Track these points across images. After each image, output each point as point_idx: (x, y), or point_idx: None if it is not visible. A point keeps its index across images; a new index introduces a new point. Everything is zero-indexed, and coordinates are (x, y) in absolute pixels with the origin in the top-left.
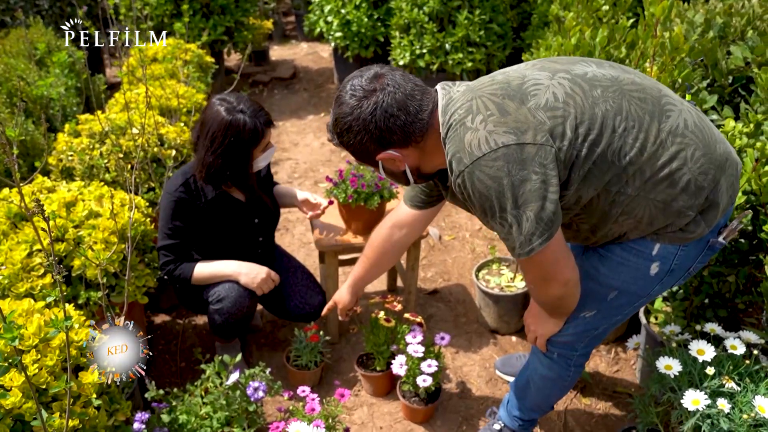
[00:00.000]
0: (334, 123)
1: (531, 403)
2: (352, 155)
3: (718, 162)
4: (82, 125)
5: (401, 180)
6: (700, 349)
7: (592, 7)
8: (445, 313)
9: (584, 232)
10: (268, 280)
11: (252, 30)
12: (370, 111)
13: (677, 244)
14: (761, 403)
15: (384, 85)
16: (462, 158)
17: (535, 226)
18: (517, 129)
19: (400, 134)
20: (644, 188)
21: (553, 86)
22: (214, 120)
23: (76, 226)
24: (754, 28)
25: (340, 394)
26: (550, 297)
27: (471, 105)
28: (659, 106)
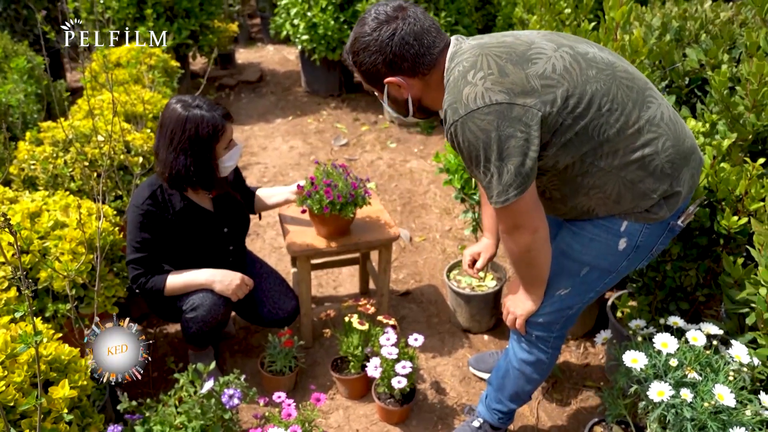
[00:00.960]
0: (353, 41)
1: (510, 391)
2: (361, 76)
3: (684, 154)
4: (44, 133)
5: (402, 109)
6: (664, 342)
7: (555, 10)
8: (417, 314)
9: (556, 201)
10: (242, 285)
11: (217, 33)
12: (388, 35)
13: (642, 222)
14: (720, 391)
15: (406, 16)
16: (458, 108)
17: (513, 179)
18: (511, 90)
19: (411, 62)
20: (616, 166)
21: (555, 58)
22: (171, 118)
23: (41, 237)
24: (707, 31)
25: (315, 399)
26: (521, 246)
27: (476, 60)
28: (642, 96)
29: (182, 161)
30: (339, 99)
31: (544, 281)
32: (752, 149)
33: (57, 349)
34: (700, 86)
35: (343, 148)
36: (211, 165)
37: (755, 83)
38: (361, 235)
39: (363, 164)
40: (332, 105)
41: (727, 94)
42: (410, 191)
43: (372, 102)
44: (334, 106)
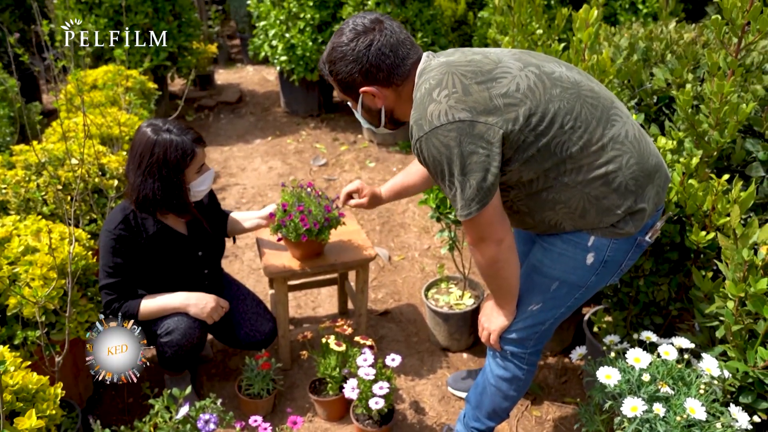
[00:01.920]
0: (330, 51)
1: (488, 409)
2: (337, 85)
3: (648, 172)
4: (16, 156)
5: (374, 119)
6: (637, 357)
7: (528, 31)
8: (396, 334)
9: (524, 215)
10: (217, 308)
11: (196, 54)
12: (365, 46)
13: (609, 237)
14: (691, 405)
15: (383, 29)
16: (422, 125)
17: (475, 193)
18: (474, 108)
19: (386, 73)
20: (580, 182)
21: (519, 77)
22: (140, 142)
23: (11, 263)
24: (672, 51)
25: (292, 422)
26: (486, 257)
27: (442, 78)
28: (607, 115)
29: (150, 185)
30: (318, 119)
31: (514, 294)
32: (718, 165)
33: (24, 378)
34: (668, 104)
35: (322, 168)
36: (181, 189)
37: (717, 102)
38: (338, 255)
39: (342, 184)
40: (311, 125)
41: (692, 112)
42: (389, 210)
43: (351, 122)
44: (313, 126)
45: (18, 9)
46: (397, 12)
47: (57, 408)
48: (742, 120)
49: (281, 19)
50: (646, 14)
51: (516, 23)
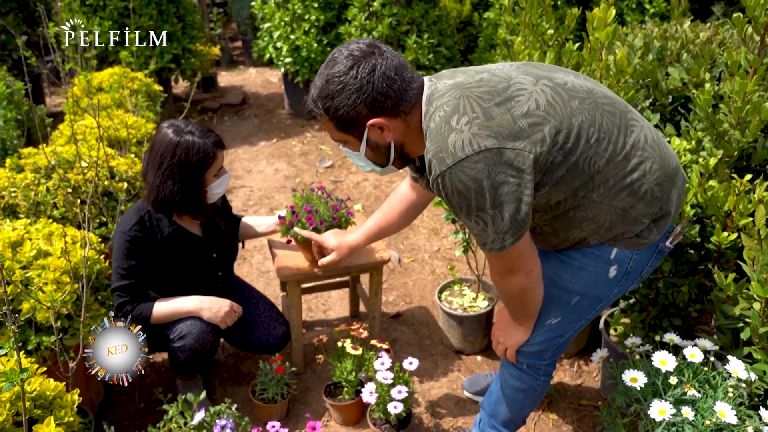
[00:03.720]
0: (324, 84)
1: (504, 417)
2: (335, 124)
3: (670, 175)
4: (25, 159)
5: (381, 157)
6: (663, 360)
7: (538, 31)
8: (409, 337)
9: (548, 235)
10: (231, 312)
11: (200, 57)
12: (368, 71)
13: (632, 249)
14: (721, 408)
15: (382, 52)
16: (444, 158)
17: (509, 226)
18: (499, 134)
19: (394, 100)
20: (608, 195)
21: (536, 93)
22: (162, 142)
23: (23, 267)
24: (688, 51)
25: (311, 428)
26: (515, 287)
27: (458, 104)
28: (625, 121)
29: (170, 186)
30: None
31: (535, 315)
32: (737, 165)
33: (42, 385)
34: (683, 104)
35: (328, 170)
36: (199, 192)
37: (739, 101)
38: (352, 258)
39: (349, 186)
40: (316, 127)
41: (712, 112)
42: None
43: None
44: (318, 128)
45: (21, 12)
46: (404, 13)
47: (75, 415)
48: (765, 119)
49: (286, 20)
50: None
51: (527, 23)
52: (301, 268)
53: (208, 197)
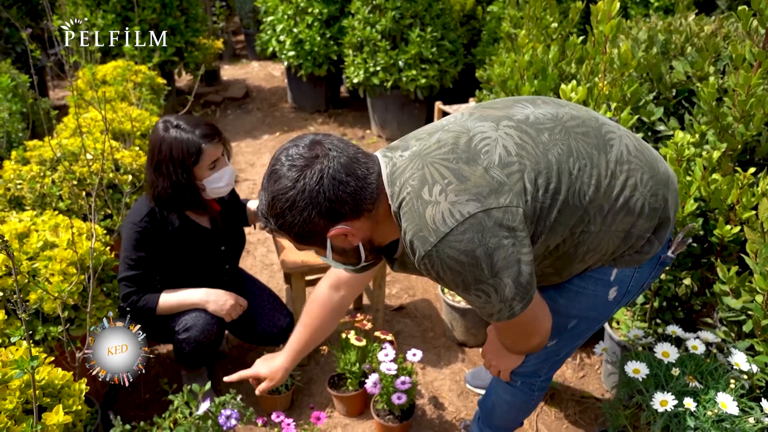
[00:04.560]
0: (271, 203)
1: (499, 423)
2: (294, 240)
3: (663, 181)
4: (30, 152)
5: (351, 259)
6: (665, 351)
7: (542, 24)
8: (412, 329)
9: (549, 276)
10: (236, 306)
11: (203, 50)
12: (316, 180)
13: (633, 266)
14: (723, 400)
15: (326, 150)
16: (426, 237)
17: (514, 292)
18: (479, 194)
19: (352, 203)
20: (605, 222)
21: (502, 138)
22: (153, 138)
23: (30, 258)
24: (692, 44)
25: (315, 418)
26: (529, 347)
27: (424, 174)
28: (601, 137)
29: (161, 183)
30: (326, 114)
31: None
32: (741, 158)
33: (50, 374)
34: (687, 98)
35: None
36: (192, 187)
37: (743, 94)
38: None
39: None
40: (319, 120)
41: (716, 105)
42: None
43: (359, 117)
44: (321, 121)
45: (25, 5)
46: (407, 6)
47: (82, 404)
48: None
49: (289, 14)
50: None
51: (531, 16)
52: (306, 261)
53: (207, 192)
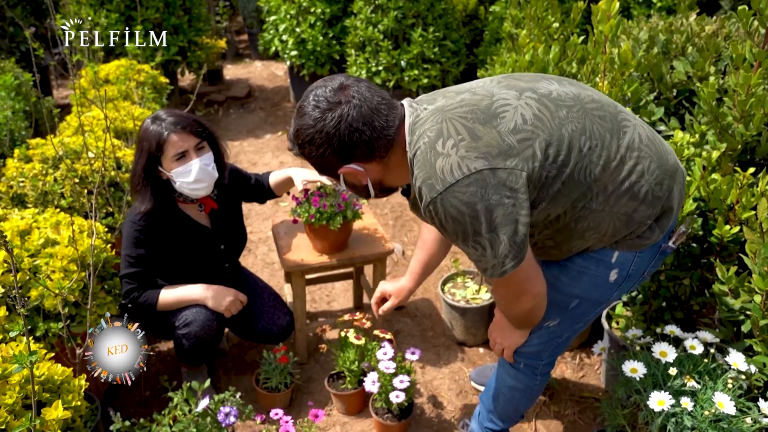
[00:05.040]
0: (296, 134)
1: (501, 413)
2: (313, 167)
3: (670, 172)
4: (33, 150)
5: (362, 193)
6: (663, 351)
7: (543, 24)
8: (412, 328)
9: (550, 249)
10: (236, 302)
11: (206, 49)
12: (334, 124)
13: (634, 250)
14: (720, 399)
15: (349, 98)
16: (434, 185)
17: (508, 249)
18: (488, 153)
19: (364, 149)
20: (608, 203)
21: (521, 107)
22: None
23: (31, 255)
24: (693, 44)
25: (314, 415)
26: (521, 311)
27: (441, 128)
28: (617, 123)
29: (135, 175)
30: None
31: (535, 324)
32: (741, 159)
33: (50, 369)
34: (688, 98)
35: None
36: (159, 179)
37: (743, 94)
38: (356, 249)
39: None
40: None
41: (716, 105)
42: (402, 205)
43: None
44: None
45: (30, 4)
46: (409, 6)
47: (82, 399)
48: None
49: (292, 13)
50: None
51: (532, 16)
52: (306, 260)
53: (179, 187)
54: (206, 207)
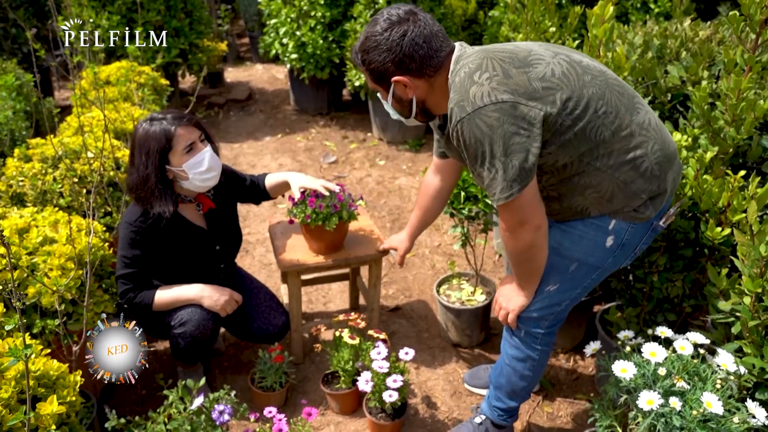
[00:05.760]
0: (364, 40)
1: (507, 389)
2: (368, 74)
3: (669, 157)
4: (33, 150)
5: (405, 109)
6: (653, 352)
7: (540, 29)
8: (407, 329)
9: (552, 201)
10: (231, 301)
11: (207, 52)
12: (399, 35)
13: (629, 221)
14: (708, 399)
15: (417, 20)
16: (465, 106)
17: (517, 174)
18: (515, 91)
19: (419, 63)
20: (611, 166)
21: (553, 64)
22: (132, 136)
23: (29, 253)
24: (687, 49)
25: (307, 413)
26: (523, 243)
27: (482, 62)
28: (632, 102)
29: (133, 176)
30: (328, 117)
31: (539, 277)
32: (733, 162)
33: (45, 365)
34: (682, 102)
35: (332, 165)
36: (163, 178)
37: (734, 98)
38: (351, 250)
39: (352, 181)
40: (321, 123)
41: (708, 109)
42: (399, 208)
43: (361, 120)
44: (323, 124)
45: (32, 6)
46: None
47: (77, 395)
48: (759, 116)
49: (292, 17)
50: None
51: (529, 21)
52: (302, 260)
53: (193, 181)
54: (204, 206)
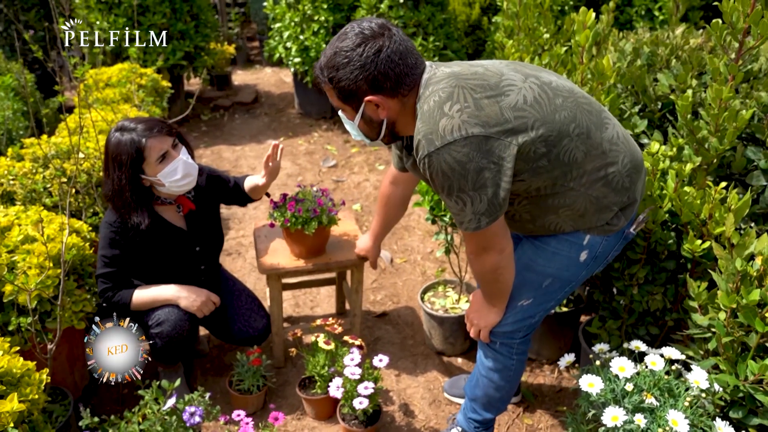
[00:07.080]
0: (332, 55)
1: (482, 400)
2: (336, 93)
3: (638, 167)
4: (26, 149)
5: (373, 131)
6: (621, 366)
7: (535, 35)
8: (392, 336)
9: (525, 222)
10: (208, 302)
11: (213, 55)
12: (374, 51)
13: (603, 235)
14: (674, 417)
15: (391, 35)
16: (433, 140)
17: (486, 208)
18: (487, 123)
19: (394, 82)
20: (584, 184)
21: (525, 89)
22: (105, 144)
23: (10, 251)
24: (677, 57)
25: (273, 418)
26: (488, 266)
27: (453, 92)
28: (600, 119)
29: (108, 185)
30: (330, 121)
31: (507, 294)
32: (719, 173)
33: (9, 363)
34: (672, 110)
35: (331, 169)
36: (138, 187)
37: (716, 108)
38: (333, 255)
39: (350, 186)
40: (324, 126)
41: (691, 118)
42: None
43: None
44: (326, 127)
45: (43, 8)
46: (410, 15)
47: (41, 393)
48: (741, 126)
49: (296, 21)
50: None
51: (523, 27)
52: (281, 263)
53: (168, 188)
54: (184, 207)
